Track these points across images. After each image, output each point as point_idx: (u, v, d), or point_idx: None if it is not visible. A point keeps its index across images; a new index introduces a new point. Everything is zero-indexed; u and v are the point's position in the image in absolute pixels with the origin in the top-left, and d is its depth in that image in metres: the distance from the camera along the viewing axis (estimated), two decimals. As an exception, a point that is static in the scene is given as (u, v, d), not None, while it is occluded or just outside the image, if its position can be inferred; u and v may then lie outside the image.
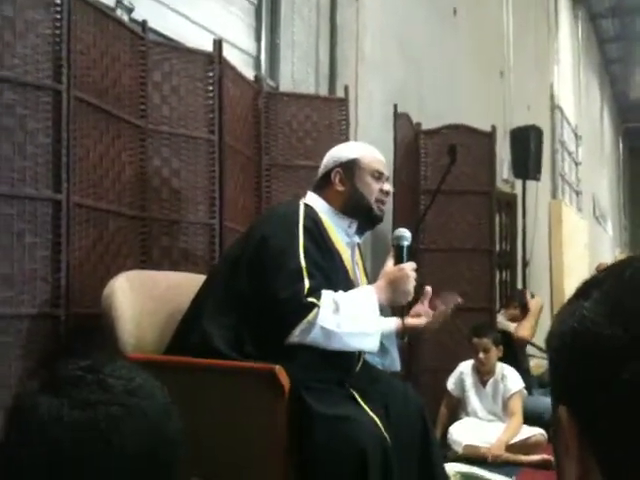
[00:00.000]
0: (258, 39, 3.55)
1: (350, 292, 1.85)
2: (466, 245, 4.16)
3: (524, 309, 4.59)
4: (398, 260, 1.96)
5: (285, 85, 3.56)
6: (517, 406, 3.58)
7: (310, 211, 1.93)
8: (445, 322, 2.07)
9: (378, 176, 2.04)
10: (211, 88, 2.70)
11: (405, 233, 2.00)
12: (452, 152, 3.27)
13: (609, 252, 14.79)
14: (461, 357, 3.76)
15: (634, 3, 11.19)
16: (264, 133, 3.13)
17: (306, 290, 1.74)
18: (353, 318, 1.78)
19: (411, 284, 1.91)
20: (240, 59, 3.31)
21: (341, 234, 2.01)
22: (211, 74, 2.70)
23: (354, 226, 2.03)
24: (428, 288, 2.02)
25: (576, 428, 0.52)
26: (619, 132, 17.81)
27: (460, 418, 3.66)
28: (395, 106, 3.80)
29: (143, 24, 2.52)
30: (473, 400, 3.68)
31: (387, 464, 1.66)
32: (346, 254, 2.00)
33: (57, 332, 2.04)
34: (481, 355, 3.63)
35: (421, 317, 1.99)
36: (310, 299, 1.74)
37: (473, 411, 3.66)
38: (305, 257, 1.79)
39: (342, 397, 1.81)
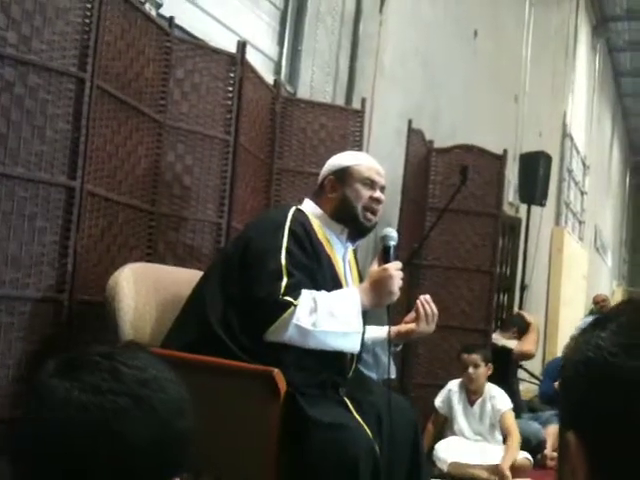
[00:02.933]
0: (281, 44, 3.58)
1: (333, 292, 1.86)
2: (468, 265, 4.18)
3: (522, 334, 4.58)
4: (384, 260, 1.96)
5: (303, 92, 3.59)
6: (512, 423, 3.57)
7: (300, 215, 1.96)
8: (434, 321, 2.06)
9: (370, 184, 2.03)
10: (231, 89, 2.72)
11: (391, 233, 2.01)
12: (464, 173, 3.29)
13: (607, 283, 14.80)
14: (453, 375, 3.77)
15: (653, 39, 11.24)
16: (278, 138, 3.15)
17: (283, 288, 1.76)
18: (331, 317, 1.79)
19: (396, 284, 1.89)
20: (261, 62, 3.34)
21: (334, 240, 2.03)
22: (232, 75, 2.72)
23: (345, 233, 2.05)
24: (423, 296, 2.04)
25: (585, 454, 0.53)
26: (627, 166, 17.83)
27: (446, 436, 3.66)
28: (410, 122, 3.83)
29: (170, 20, 2.55)
30: (460, 419, 3.68)
31: (376, 474, 1.68)
32: (337, 259, 2.02)
33: (59, 317, 2.05)
34: (470, 370, 3.61)
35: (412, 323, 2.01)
36: (287, 297, 1.76)
37: (460, 430, 3.66)
38: (287, 257, 1.82)
39: (336, 404, 1.83)
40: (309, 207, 2.06)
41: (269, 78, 3.19)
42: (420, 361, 4.10)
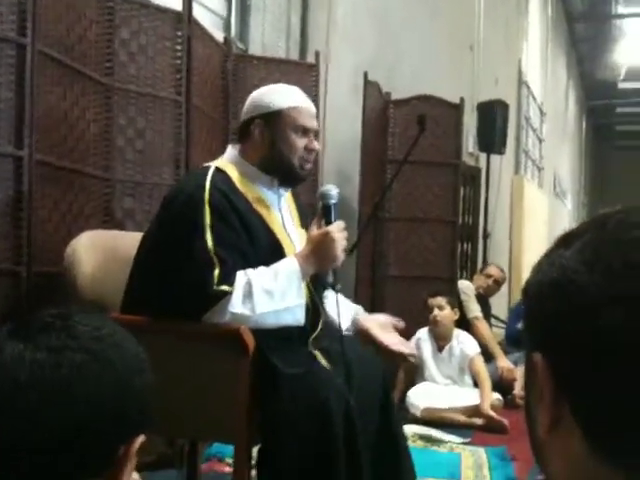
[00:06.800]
0: (229, 0, 3.49)
1: (270, 268, 1.76)
2: (430, 215, 4.21)
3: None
4: (325, 221, 1.83)
5: (255, 49, 3.52)
6: (481, 367, 3.66)
7: (219, 179, 1.80)
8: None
9: (304, 131, 1.87)
10: (179, 48, 2.65)
11: (330, 191, 1.84)
12: (421, 122, 3.28)
13: (567, 227, 15.07)
14: (421, 324, 3.83)
15: (603, -18, 11.26)
16: (232, 96, 3.09)
17: (216, 278, 1.68)
18: (269, 296, 1.71)
19: (339, 248, 1.78)
20: (210, 20, 3.26)
21: (263, 190, 1.91)
22: (180, 33, 2.65)
23: (276, 182, 1.92)
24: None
25: (551, 375, 0.52)
26: (583, 110, 18.03)
27: (418, 383, 3.74)
28: (365, 74, 3.79)
29: (110, -21, 2.45)
30: (430, 365, 3.76)
31: (349, 415, 1.68)
32: (271, 213, 1.91)
33: (18, 289, 2.02)
34: (435, 311, 3.68)
35: None
36: (221, 287, 1.68)
37: (430, 376, 3.74)
38: (213, 237, 1.71)
39: (304, 356, 1.82)
40: (231, 158, 1.91)
41: (219, 36, 3.11)
42: (388, 312, 4.13)
